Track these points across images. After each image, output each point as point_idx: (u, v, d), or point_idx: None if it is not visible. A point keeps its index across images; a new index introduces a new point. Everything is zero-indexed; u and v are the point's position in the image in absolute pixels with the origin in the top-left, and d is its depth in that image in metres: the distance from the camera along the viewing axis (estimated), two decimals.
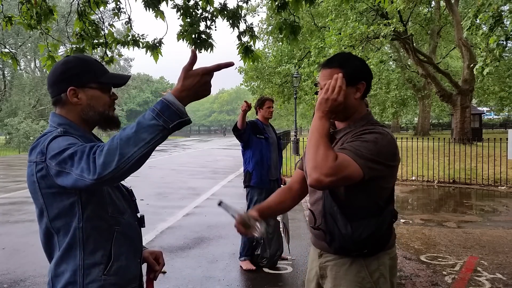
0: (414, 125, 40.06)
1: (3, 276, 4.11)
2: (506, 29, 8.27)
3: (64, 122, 1.36)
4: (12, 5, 25.08)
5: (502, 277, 3.96)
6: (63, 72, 1.37)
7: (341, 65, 1.54)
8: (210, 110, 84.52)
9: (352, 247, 1.50)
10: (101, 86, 1.39)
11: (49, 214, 1.30)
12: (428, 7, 21.81)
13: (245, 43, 4.41)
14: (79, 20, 4.46)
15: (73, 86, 1.35)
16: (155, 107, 1.14)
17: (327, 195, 1.54)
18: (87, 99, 1.37)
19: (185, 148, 29.79)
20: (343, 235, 1.48)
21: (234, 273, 4.16)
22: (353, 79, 1.53)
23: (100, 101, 1.39)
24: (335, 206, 1.51)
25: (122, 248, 1.37)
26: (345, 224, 1.48)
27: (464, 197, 8.66)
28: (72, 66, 1.38)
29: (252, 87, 24.92)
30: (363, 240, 1.47)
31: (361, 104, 1.61)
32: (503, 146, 9.91)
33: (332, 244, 1.54)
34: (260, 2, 25.25)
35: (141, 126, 1.12)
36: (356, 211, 1.50)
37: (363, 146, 1.43)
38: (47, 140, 1.26)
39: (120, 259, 1.35)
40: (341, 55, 1.61)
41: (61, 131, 1.28)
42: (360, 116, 1.59)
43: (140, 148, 1.11)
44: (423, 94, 27.68)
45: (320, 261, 1.65)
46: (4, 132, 30.96)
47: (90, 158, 1.12)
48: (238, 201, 7.64)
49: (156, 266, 1.59)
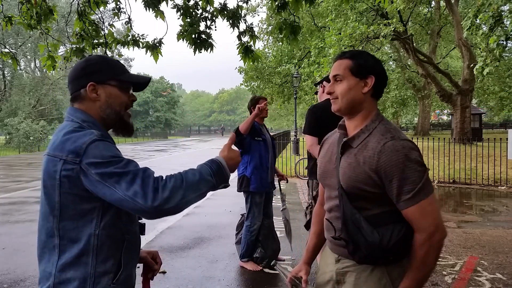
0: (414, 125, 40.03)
1: (3, 276, 4.12)
2: (506, 29, 8.27)
3: (88, 119, 1.35)
4: (12, 5, 25.09)
5: (502, 277, 3.96)
6: (83, 68, 1.39)
7: (352, 57, 1.53)
8: (210, 110, 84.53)
9: (379, 255, 1.41)
10: (120, 84, 1.41)
11: (62, 215, 1.26)
12: (428, 7, 21.80)
13: (245, 43, 4.41)
14: (79, 20, 4.46)
15: (93, 82, 1.37)
16: (212, 166, 1.32)
17: (346, 202, 1.47)
18: (105, 96, 1.38)
19: (185, 148, 29.78)
20: (370, 243, 1.40)
21: (234, 273, 4.16)
22: (361, 71, 1.50)
23: (117, 100, 1.41)
24: (357, 213, 1.44)
25: (129, 257, 1.37)
26: (371, 231, 1.40)
27: (464, 197, 8.66)
28: (93, 63, 1.39)
29: (252, 87, 24.90)
30: (392, 247, 1.39)
31: (372, 102, 1.53)
32: (503, 146, 9.92)
33: (357, 253, 1.45)
34: (260, 2, 25.27)
35: (202, 177, 1.28)
36: (380, 216, 1.45)
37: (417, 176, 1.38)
38: (84, 140, 1.23)
39: (127, 268, 1.35)
40: (356, 50, 1.60)
41: (98, 134, 1.27)
42: (371, 117, 1.52)
43: (197, 196, 1.27)
44: (423, 94, 27.67)
45: (338, 267, 1.57)
46: (4, 132, 30.93)
47: (148, 185, 1.18)
48: (238, 201, 7.64)
49: (155, 266, 1.59)
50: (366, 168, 1.42)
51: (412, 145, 1.42)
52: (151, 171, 1.24)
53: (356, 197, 1.46)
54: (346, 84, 1.50)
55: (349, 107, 1.51)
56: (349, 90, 1.50)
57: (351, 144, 1.51)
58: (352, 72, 1.50)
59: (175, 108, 60.40)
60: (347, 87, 1.50)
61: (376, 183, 1.41)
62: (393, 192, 1.39)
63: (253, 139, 4.10)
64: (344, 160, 1.52)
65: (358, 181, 1.44)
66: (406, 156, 1.38)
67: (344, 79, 1.51)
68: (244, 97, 79.34)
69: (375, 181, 1.41)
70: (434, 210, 1.39)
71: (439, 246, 1.40)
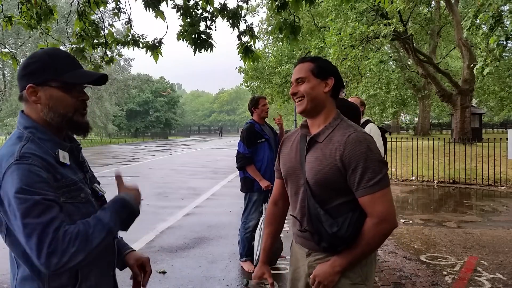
0: (414, 125, 40.03)
1: (3, 276, 4.11)
2: (506, 29, 8.27)
3: (29, 124, 1.25)
4: (12, 5, 25.06)
5: (502, 277, 3.96)
6: (25, 67, 1.26)
7: (313, 60, 1.67)
8: (210, 110, 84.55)
9: (339, 243, 1.54)
10: (63, 85, 1.25)
11: (8, 231, 1.19)
12: (428, 7, 21.81)
13: (245, 43, 4.41)
14: (79, 20, 4.46)
15: (32, 83, 1.23)
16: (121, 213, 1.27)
17: (310, 197, 1.58)
18: (46, 99, 1.24)
19: (185, 148, 29.78)
20: (330, 234, 1.53)
21: (234, 273, 4.16)
22: (322, 73, 1.63)
23: (61, 103, 1.25)
24: (318, 207, 1.56)
25: (92, 267, 1.27)
26: (331, 224, 1.53)
27: (464, 197, 8.66)
28: (34, 61, 1.25)
29: (252, 87, 24.92)
30: (349, 235, 1.52)
31: (332, 102, 1.67)
32: (503, 146, 9.91)
33: (321, 244, 1.58)
34: (260, 2, 25.28)
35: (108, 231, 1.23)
36: (341, 206, 1.57)
37: (377, 166, 1.52)
38: (3, 164, 1.14)
39: (89, 279, 1.26)
40: (315, 56, 1.78)
41: (21, 153, 1.15)
42: (333, 115, 1.65)
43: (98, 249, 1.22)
44: (423, 94, 27.67)
45: (309, 260, 1.67)
46: (4, 132, 30.95)
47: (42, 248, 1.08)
48: (238, 201, 7.64)
49: (139, 277, 1.45)
50: (332, 159, 1.54)
51: (372, 139, 1.57)
52: (52, 226, 1.09)
53: (321, 190, 1.58)
54: (309, 84, 1.63)
55: (313, 106, 1.63)
56: (312, 89, 1.62)
57: (317, 140, 1.62)
58: (314, 73, 1.63)
59: (175, 108, 60.38)
60: (310, 86, 1.62)
61: (341, 173, 1.53)
62: (355, 179, 1.52)
63: (257, 142, 4.13)
64: (310, 155, 1.62)
65: (324, 173, 1.56)
66: (368, 147, 1.52)
67: (306, 81, 1.63)
68: (244, 97, 79.35)
69: (340, 171, 1.53)
70: (388, 201, 1.52)
71: (385, 233, 1.55)
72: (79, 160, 1.37)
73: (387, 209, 1.51)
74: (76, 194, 1.24)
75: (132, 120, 54.51)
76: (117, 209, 1.25)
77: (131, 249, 1.52)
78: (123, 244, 1.53)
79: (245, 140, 4.12)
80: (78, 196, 1.25)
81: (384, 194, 1.51)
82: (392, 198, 1.56)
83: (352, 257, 1.55)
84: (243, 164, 4.11)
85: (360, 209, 1.55)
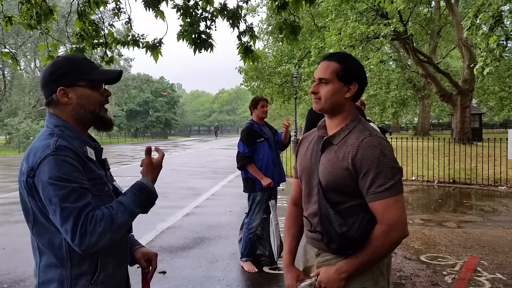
0: (414, 125, 40.05)
1: (3, 276, 4.12)
2: (506, 29, 8.27)
3: (59, 123, 1.37)
4: (12, 5, 25.07)
5: (502, 277, 3.96)
6: (51, 73, 1.38)
7: (339, 60, 1.59)
8: (210, 110, 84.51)
9: (349, 245, 1.50)
10: (90, 83, 1.40)
11: (35, 221, 1.32)
12: (428, 7, 21.82)
13: (245, 43, 4.41)
14: (79, 20, 4.46)
15: (63, 86, 1.36)
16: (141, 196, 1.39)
17: (322, 198, 1.56)
18: (77, 98, 1.38)
19: (185, 148, 29.79)
20: (339, 234, 1.50)
21: (234, 273, 4.16)
22: (346, 77, 1.57)
23: (90, 99, 1.40)
24: (329, 207, 1.54)
25: (109, 258, 1.38)
26: (340, 224, 1.50)
27: (464, 197, 8.66)
28: (60, 66, 1.39)
29: (252, 87, 24.91)
30: (359, 237, 1.48)
31: (352, 105, 1.62)
32: (503, 146, 9.92)
33: (331, 245, 1.55)
34: (260, 2, 25.28)
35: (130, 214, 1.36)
36: (353, 207, 1.53)
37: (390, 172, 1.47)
38: (39, 155, 1.27)
39: (107, 268, 1.37)
40: (344, 53, 1.66)
41: (56, 146, 1.28)
42: (351, 117, 1.62)
43: (123, 231, 1.38)
44: (423, 94, 27.68)
45: (318, 260, 1.65)
46: (4, 132, 30.92)
47: (77, 230, 1.22)
48: (238, 201, 7.65)
49: (145, 269, 1.57)
50: (345, 163, 1.51)
51: (388, 144, 1.52)
52: (86, 210, 1.24)
53: (333, 192, 1.55)
54: (331, 87, 1.57)
55: (331, 109, 1.60)
56: (333, 94, 1.57)
57: (332, 142, 1.59)
58: (338, 77, 1.57)
59: (175, 108, 60.33)
60: (331, 90, 1.57)
61: (352, 177, 1.50)
62: (366, 184, 1.48)
63: (256, 141, 4.15)
64: (324, 157, 1.60)
65: (336, 175, 1.53)
66: (382, 152, 1.47)
67: (329, 83, 1.58)
68: (244, 97, 79.33)
69: (352, 175, 1.50)
70: (400, 208, 1.47)
71: (394, 242, 1.49)
72: (101, 159, 1.49)
73: (398, 217, 1.46)
74: (102, 188, 1.37)
75: (132, 120, 54.45)
76: (136, 193, 1.37)
77: (140, 245, 1.63)
78: (133, 240, 1.62)
79: (245, 139, 4.15)
80: (103, 190, 1.38)
81: (396, 201, 1.46)
82: (404, 206, 1.50)
83: (359, 263, 1.50)
84: (244, 164, 4.12)
85: (371, 212, 1.51)
